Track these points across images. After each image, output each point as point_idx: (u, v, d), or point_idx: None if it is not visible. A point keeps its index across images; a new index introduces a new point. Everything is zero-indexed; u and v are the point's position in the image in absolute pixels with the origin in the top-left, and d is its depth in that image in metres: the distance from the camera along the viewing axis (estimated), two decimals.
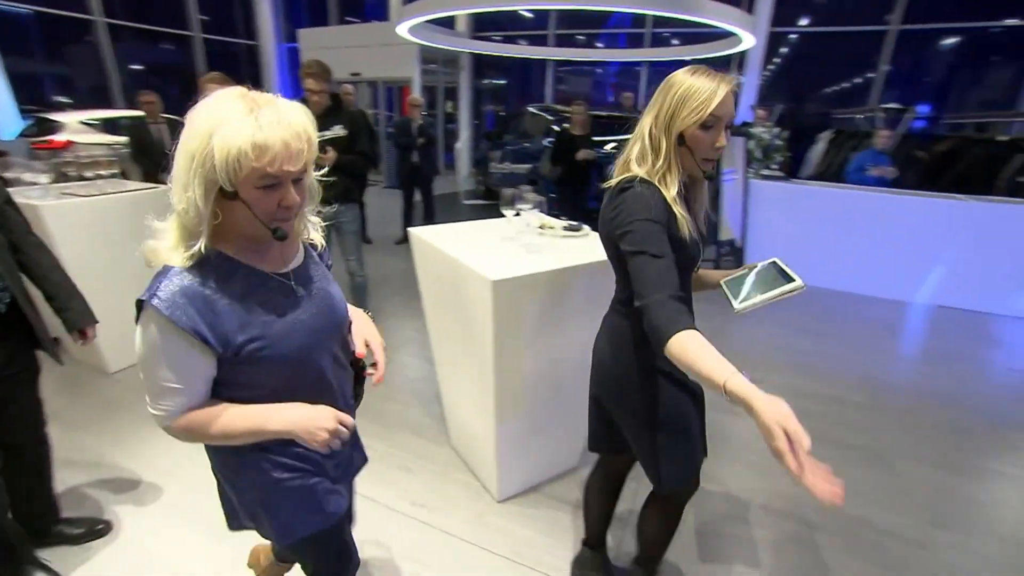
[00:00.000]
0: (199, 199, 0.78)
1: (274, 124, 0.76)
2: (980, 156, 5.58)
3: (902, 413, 2.87)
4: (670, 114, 1.11)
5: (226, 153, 0.74)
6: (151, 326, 0.82)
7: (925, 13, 7.65)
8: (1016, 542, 2.05)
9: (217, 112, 0.76)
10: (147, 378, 0.87)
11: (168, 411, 0.88)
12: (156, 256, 0.85)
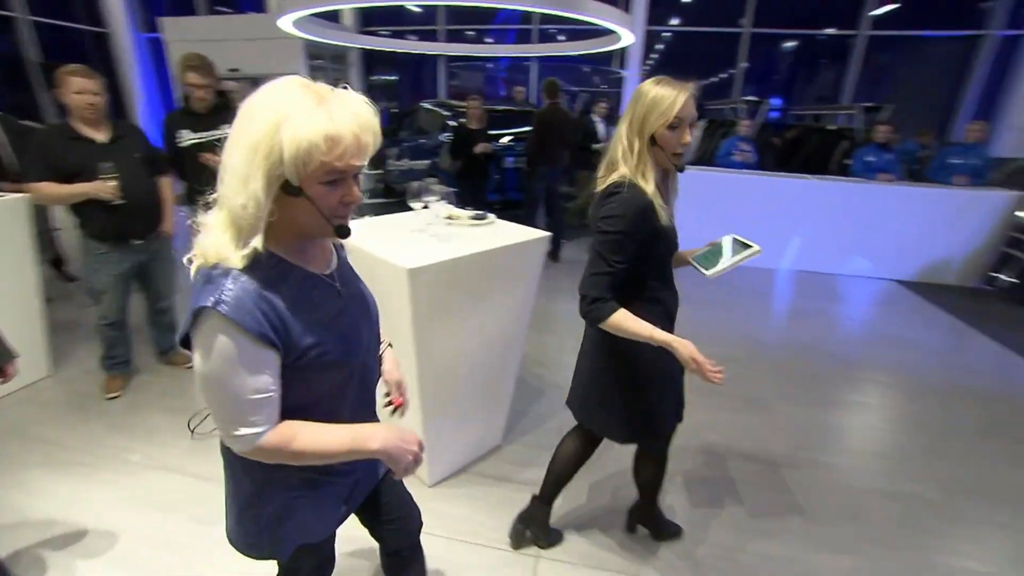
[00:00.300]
0: (261, 194, 0.72)
1: (345, 116, 0.73)
2: (817, 143, 6.50)
3: (774, 364, 3.33)
4: (641, 119, 1.29)
5: (297, 146, 0.70)
6: (219, 336, 0.74)
7: (769, 19, 8.70)
8: (860, 452, 2.55)
9: (284, 103, 0.71)
10: (222, 398, 0.78)
11: (259, 429, 0.79)
12: (212, 255, 0.76)
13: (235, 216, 0.75)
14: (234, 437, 0.80)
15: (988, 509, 2.20)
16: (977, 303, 4.69)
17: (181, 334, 0.79)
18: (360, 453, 0.86)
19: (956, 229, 5.01)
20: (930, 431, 2.76)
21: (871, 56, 8.57)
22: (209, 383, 0.78)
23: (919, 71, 8.87)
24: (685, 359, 1.24)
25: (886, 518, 2.12)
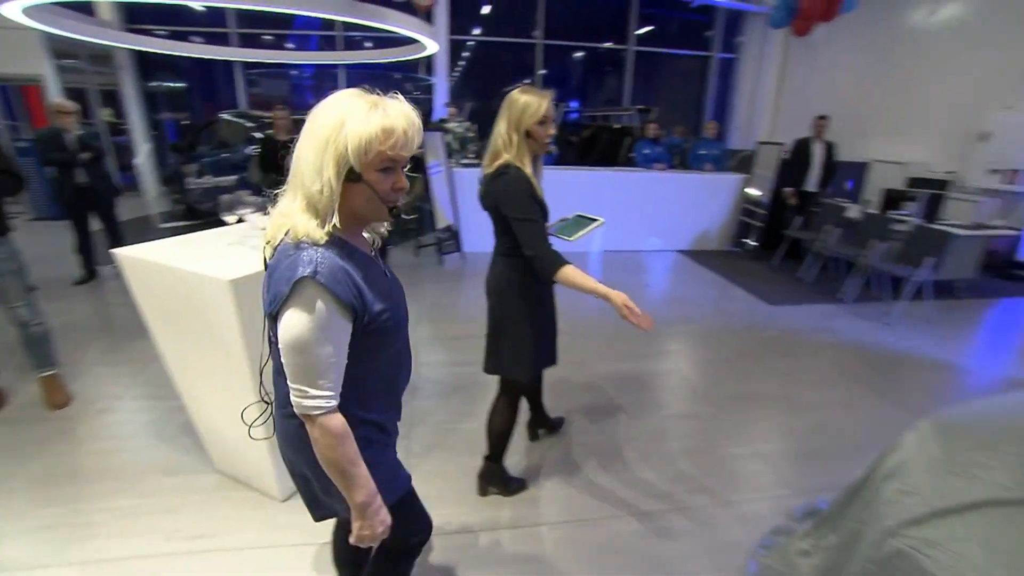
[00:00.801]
0: (333, 179, 0.86)
1: (397, 114, 0.88)
2: (607, 140, 7.57)
3: (595, 332, 3.86)
4: (517, 119, 1.68)
5: (359, 136, 0.85)
6: (317, 301, 0.85)
7: (559, 32, 9.77)
8: (669, 387, 3.14)
9: (344, 106, 0.86)
10: (308, 359, 0.87)
11: (330, 393, 0.90)
12: (300, 232, 0.87)
13: (313, 200, 0.88)
14: (310, 397, 0.89)
15: (755, 411, 2.92)
16: (732, 262, 5.97)
17: (275, 306, 0.88)
18: (358, 493, 0.97)
19: (711, 205, 6.30)
20: (712, 363, 3.52)
21: (641, 66, 10.17)
22: (298, 346, 0.87)
23: (676, 80, 10.80)
24: (619, 306, 1.59)
25: (687, 432, 2.68)
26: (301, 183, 0.89)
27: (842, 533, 1.48)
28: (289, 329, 0.87)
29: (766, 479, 2.38)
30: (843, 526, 1.50)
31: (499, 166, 1.71)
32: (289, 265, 0.87)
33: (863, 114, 7.66)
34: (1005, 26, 6.00)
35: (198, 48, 8.44)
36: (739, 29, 10.13)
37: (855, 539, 1.37)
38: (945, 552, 1.10)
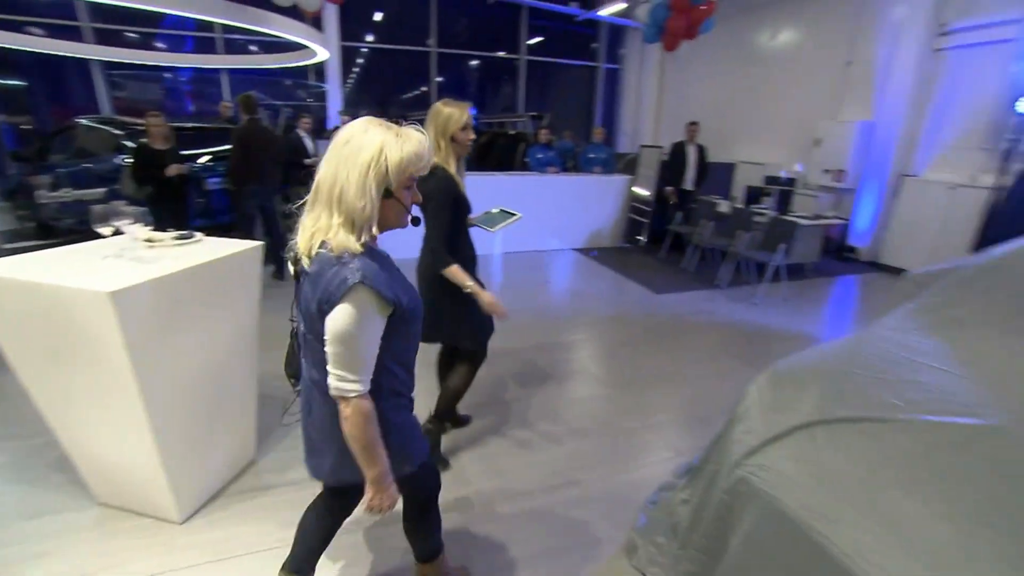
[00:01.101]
0: (375, 197, 1.04)
1: (419, 139, 1.08)
2: (504, 145, 7.84)
3: (499, 324, 4.01)
4: (443, 127, 1.97)
5: (397, 160, 1.04)
6: (365, 302, 1.03)
7: (452, 41, 9.93)
8: (578, 371, 3.33)
9: (379, 135, 1.05)
10: (352, 349, 1.05)
11: (366, 378, 1.08)
12: (338, 247, 1.04)
13: (355, 216, 1.04)
14: (348, 381, 1.07)
15: (647, 388, 3.22)
16: (624, 257, 6.45)
17: (328, 306, 1.04)
18: (375, 468, 1.15)
19: (602, 205, 6.76)
20: (609, 348, 3.81)
21: (534, 75, 10.61)
22: (345, 338, 1.04)
23: (567, 88, 11.40)
24: (484, 303, 1.99)
25: (588, 411, 2.90)
26: (337, 201, 1.05)
27: (706, 476, 1.74)
28: (339, 324, 1.04)
29: (657, 446, 2.66)
30: (707, 470, 1.76)
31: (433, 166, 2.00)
32: (337, 273, 1.04)
33: (728, 121, 8.62)
34: (829, 50, 7.08)
35: (43, 42, 7.49)
36: (622, 42, 10.94)
37: (714, 479, 1.62)
38: (770, 472, 1.36)
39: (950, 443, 1.29)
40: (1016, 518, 1.08)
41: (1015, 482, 1.17)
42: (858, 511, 1.17)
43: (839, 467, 1.29)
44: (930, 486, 1.18)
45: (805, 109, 7.41)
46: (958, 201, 5.69)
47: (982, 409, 1.40)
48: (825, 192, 6.96)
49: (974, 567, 1.01)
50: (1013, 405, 1.41)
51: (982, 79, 5.62)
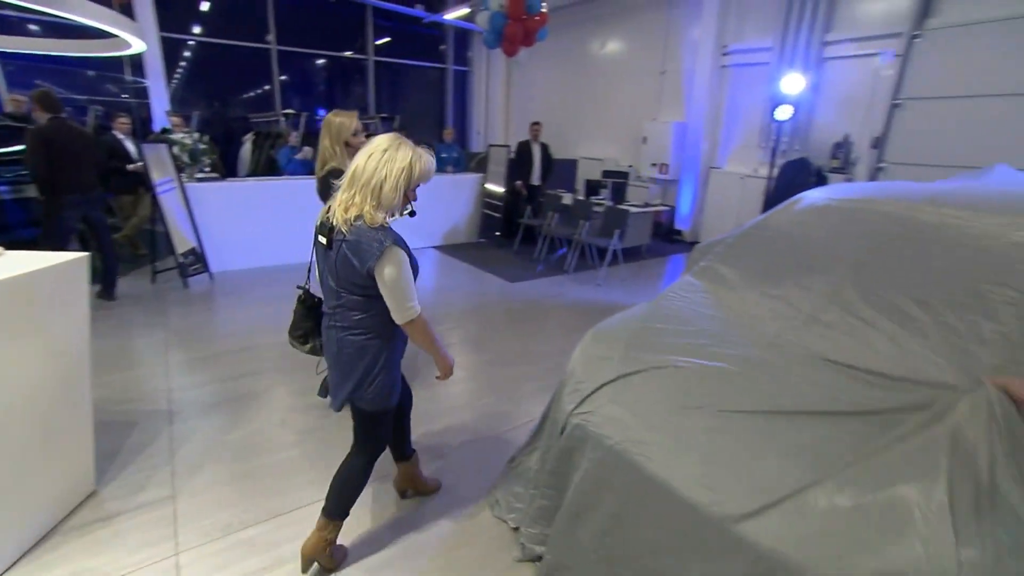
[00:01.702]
0: (401, 192, 1.54)
1: (429, 159, 1.59)
2: None
3: None
4: (338, 134, 2.34)
5: (422, 170, 1.56)
6: (400, 255, 1.54)
7: (293, 38, 9.42)
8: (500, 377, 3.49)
9: (408, 151, 1.54)
10: (403, 287, 1.57)
11: (417, 304, 1.62)
12: (375, 220, 1.52)
13: (386, 203, 1.53)
14: (410, 307, 1.60)
15: (505, 368, 3.53)
16: (481, 252, 6.79)
17: (371, 264, 1.50)
18: (438, 351, 1.77)
19: (457, 203, 7.04)
20: (472, 336, 4.06)
21: (385, 76, 10.53)
22: (397, 280, 1.54)
23: (419, 89, 11.48)
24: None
25: (455, 393, 3.10)
26: (375, 190, 1.51)
27: (548, 428, 2.05)
28: (388, 275, 1.53)
29: (516, 414, 2.96)
30: (549, 423, 2.07)
31: (328, 169, 2.36)
32: (375, 238, 1.50)
33: (569, 121, 9.43)
34: (647, 60, 8.13)
35: None
36: (469, 45, 11.31)
37: (555, 429, 1.93)
38: (597, 415, 1.69)
39: (717, 375, 1.72)
40: (756, 421, 1.52)
41: (751, 396, 1.62)
42: (660, 434, 1.54)
43: (646, 404, 1.65)
44: (705, 407, 1.59)
45: (632, 110, 8.41)
46: (748, 188, 6.94)
47: (739, 347, 1.88)
48: (653, 183, 7.99)
49: (730, 452, 1.43)
50: (758, 340, 1.92)
51: (753, 92, 6.91)
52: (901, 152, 5.70)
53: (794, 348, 1.86)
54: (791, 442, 1.42)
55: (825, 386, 1.64)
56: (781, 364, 1.77)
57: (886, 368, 1.68)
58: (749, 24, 6.85)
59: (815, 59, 6.15)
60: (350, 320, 1.64)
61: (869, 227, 2.19)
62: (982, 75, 5.04)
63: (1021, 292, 1.73)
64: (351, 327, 1.65)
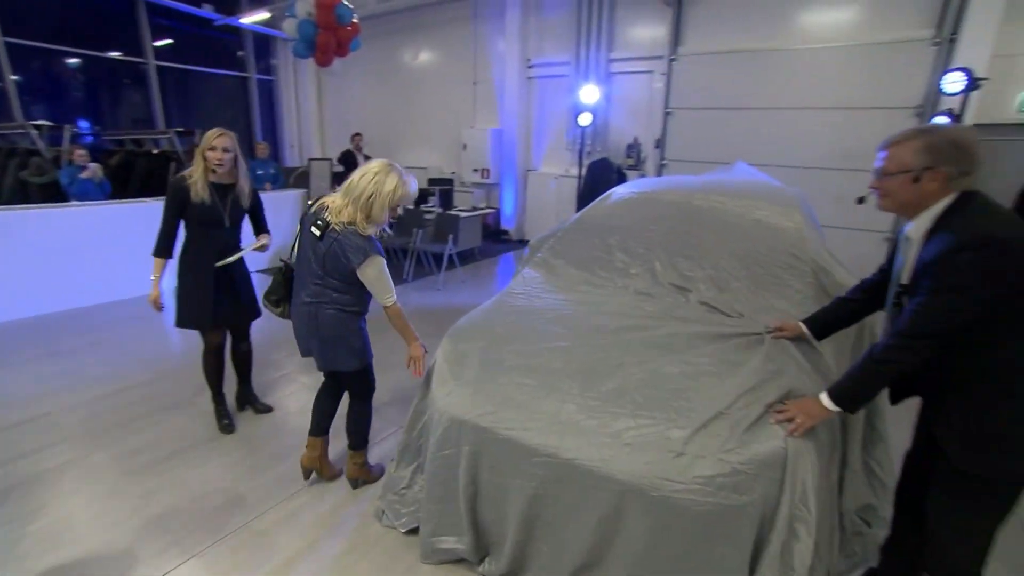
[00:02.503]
0: (387, 210, 1.94)
1: (412, 181, 2.01)
2: (146, 167, 6.67)
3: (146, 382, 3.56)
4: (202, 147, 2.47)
5: (404, 193, 1.96)
6: (380, 262, 1.97)
7: (28, 31, 7.62)
8: (295, 387, 3.23)
9: (396, 176, 1.92)
10: (384, 283, 2.00)
11: (394, 295, 2.04)
12: (365, 231, 1.91)
13: (377, 218, 1.93)
14: (388, 297, 2.02)
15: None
16: None
17: (357, 262, 1.92)
18: (410, 336, 2.14)
19: (280, 222, 6.51)
20: None
21: (172, 83, 9.19)
22: (379, 279, 1.98)
23: (218, 100, 10.29)
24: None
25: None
26: (366, 206, 1.89)
27: (422, 431, 2.11)
28: (371, 274, 1.95)
29: (381, 426, 2.88)
30: (421, 427, 2.12)
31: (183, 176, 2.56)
32: (362, 246, 1.90)
33: (391, 130, 9.38)
34: (460, 71, 8.48)
35: None
36: (272, 52, 10.50)
37: (426, 428, 2.00)
38: (461, 403, 1.81)
39: (549, 351, 1.95)
40: (572, 387, 1.77)
41: (576, 367, 1.88)
42: (505, 405, 1.75)
43: (497, 385, 1.83)
44: (538, 379, 1.82)
45: (450, 119, 8.70)
46: (562, 187, 7.69)
47: (583, 325, 2.13)
48: (477, 188, 8.37)
49: (550, 408, 1.69)
50: (596, 315, 2.20)
51: (557, 100, 7.69)
52: (677, 151, 6.87)
53: (628, 318, 2.18)
54: (638, 401, 1.70)
55: (655, 344, 1.96)
56: (618, 333, 2.06)
57: (701, 323, 2.07)
58: (548, 41, 7.59)
59: (604, 73, 7.08)
60: (330, 298, 2.03)
61: (663, 212, 2.67)
62: (721, 92, 6.35)
63: (759, 254, 2.30)
64: (330, 303, 2.03)
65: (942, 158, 1.31)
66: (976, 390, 1.33)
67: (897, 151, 1.38)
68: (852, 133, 5.71)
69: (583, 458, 1.58)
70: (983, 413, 1.32)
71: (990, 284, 1.22)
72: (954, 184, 1.32)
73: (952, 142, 1.32)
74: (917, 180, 1.34)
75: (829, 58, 5.78)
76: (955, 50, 5.12)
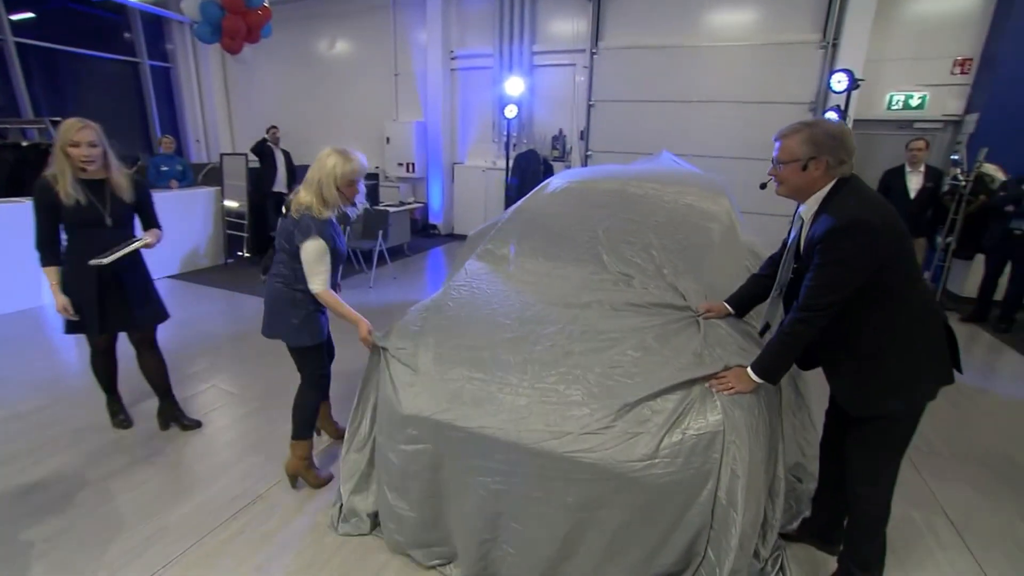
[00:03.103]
0: (335, 190, 2.01)
1: (359, 157, 2.07)
2: (16, 161, 5.83)
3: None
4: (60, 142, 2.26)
5: (342, 172, 2.01)
6: (320, 245, 2.02)
7: None
8: (221, 395, 2.98)
9: (334, 157, 2.01)
10: (314, 268, 2.05)
11: (325, 281, 2.08)
12: (321, 214, 2.02)
13: (331, 199, 2.03)
14: (316, 283, 2.08)
15: (291, 386, 3.20)
16: (231, 273, 5.98)
17: (298, 243, 2.02)
18: (348, 317, 2.13)
19: (192, 223, 6.02)
20: (240, 364, 3.57)
21: (40, 66, 8.09)
22: (310, 262, 2.04)
23: (104, 88, 9.18)
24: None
25: (250, 428, 2.72)
26: (316, 191, 2.01)
27: (368, 424, 2.05)
28: (307, 255, 2.03)
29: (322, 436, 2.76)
30: (374, 430, 2.06)
31: None
32: (311, 226, 1.99)
33: (308, 123, 8.89)
34: (380, 61, 8.19)
35: None
36: (167, 36, 9.55)
37: (383, 424, 1.95)
38: (422, 400, 1.77)
39: (502, 343, 1.96)
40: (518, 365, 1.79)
41: (528, 356, 1.90)
42: (459, 399, 1.76)
43: (451, 380, 1.82)
44: (491, 371, 1.83)
45: (371, 111, 8.40)
46: (490, 179, 7.70)
47: (534, 312, 2.14)
48: (403, 182, 8.16)
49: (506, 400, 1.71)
50: (537, 308, 2.21)
51: (481, 93, 7.67)
52: (601, 142, 7.09)
53: (576, 306, 2.21)
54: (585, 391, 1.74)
55: (604, 330, 2.02)
56: (569, 321, 2.10)
57: (645, 307, 2.15)
58: (471, 32, 7.53)
59: (528, 66, 7.14)
60: (280, 272, 2.14)
61: (601, 200, 2.75)
62: (641, 86, 6.63)
63: (695, 238, 2.43)
64: (278, 275, 2.15)
65: (823, 148, 1.50)
66: (858, 349, 1.56)
67: (787, 142, 1.56)
68: (757, 125, 6.18)
69: (545, 446, 1.60)
70: (864, 366, 1.56)
71: (865, 258, 1.43)
72: (833, 171, 1.52)
73: (830, 134, 1.51)
74: (805, 168, 1.53)
75: (734, 56, 6.22)
76: (838, 54, 5.69)
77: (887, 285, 1.48)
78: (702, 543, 1.60)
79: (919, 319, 1.53)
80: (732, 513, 1.53)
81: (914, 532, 2.17)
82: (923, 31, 5.64)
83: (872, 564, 1.75)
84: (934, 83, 5.70)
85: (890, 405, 1.57)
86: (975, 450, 2.80)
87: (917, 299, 1.52)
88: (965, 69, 5.60)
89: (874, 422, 1.61)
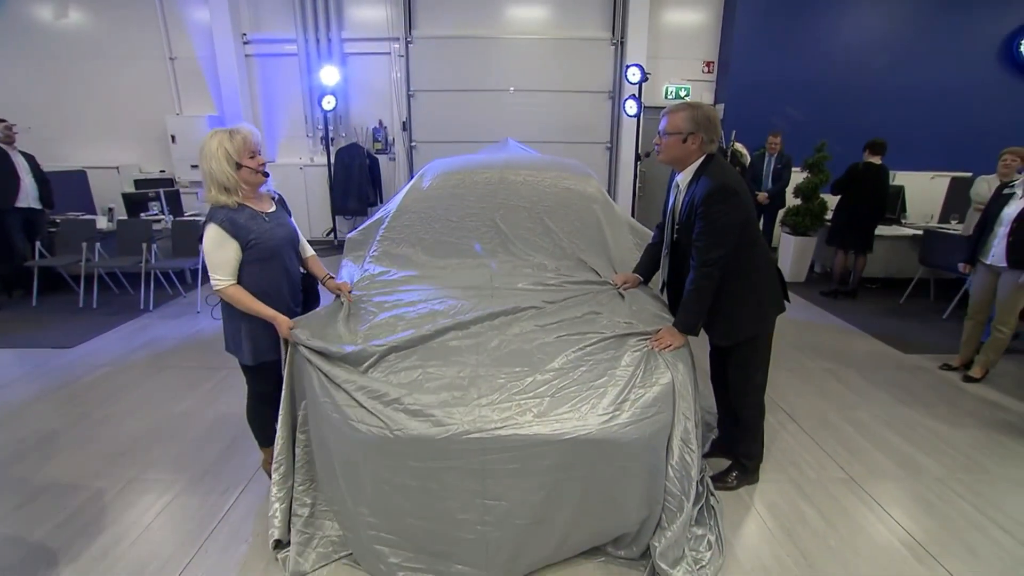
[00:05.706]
0: (228, 166, 1.80)
1: (244, 128, 1.86)
2: None
3: None
4: None
5: (235, 144, 1.81)
6: (212, 231, 1.81)
7: None
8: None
9: (217, 136, 1.81)
10: (209, 260, 1.84)
11: (225, 277, 1.85)
12: (217, 200, 1.83)
13: (225, 181, 1.81)
14: (216, 279, 1.85)
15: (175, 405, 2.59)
16: None
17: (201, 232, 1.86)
18: (262, 314, 1.88)
19: None
20: (80, 421, 2.74)
21: None
22: (206, 252, 1.84)
23: None
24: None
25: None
26: (213, 179, 1.82)
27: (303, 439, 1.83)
28: (205, 242, 1.85)
29: (222, 483, 2.33)
30: (310, 459, 1.82)
31: None
32: (208, 213, 1.86)
33: (59, 122, 6.99)
34: (148, 43, 6.77)
35: None
36: None
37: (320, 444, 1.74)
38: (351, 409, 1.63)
39: (440, 341, 1.92)
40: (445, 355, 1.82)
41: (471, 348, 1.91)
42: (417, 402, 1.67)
43: (403, 384, 1.73)
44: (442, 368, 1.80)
45: (145, 104, 6.96)
46: (310, 177, 7.10)
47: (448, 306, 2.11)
48: (200, 186, 6.99)
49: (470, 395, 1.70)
50: (456, 302, 2.19)
51: (288, 83, 6.96)
52: (425, 132, 7.06)
53: (500, 294, 2.25)
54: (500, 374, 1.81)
55: (535, 315, 2.10)
56: (497, 310, 2.12)
57: (566, 288, 2.29)
58: (266, 15, 6.73)
59: (338, 54, 6.69)
60: None
61: (485, 191, 2.81)
62: (457, 75, 6.76)
63: (584, 218, 2.67)
64: None
65: (701, 126, 1.86)
66: (722, 291, 1.94)
67: (673, 118, 1.89)
68: (568, 112, 6.87)
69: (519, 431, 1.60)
70: (724, 305, 1.96)
71: (738, 214, 1.83)
72: (705, 147, 1.90)
73: (708, 117, 1.87)
74: (685, 141, 1.87)
75: (537, 48, 6.77)
76: (626, 51, 6.62)
77: (746, 238, 1.87)
78: (660, 489, 1.76)
79: (764, 263, 1.98)
80: (688, 451, 1.78)
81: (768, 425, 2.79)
82: (680, 35, 6.90)
83: (754, 454, 2.27)
84: (692, 79, 7.04)
85: (753, 330, 2.01)
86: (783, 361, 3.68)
87: (761, 247, 1.98)
88: (710, 69, 7.03)
89: (742, 347, 2.04)
